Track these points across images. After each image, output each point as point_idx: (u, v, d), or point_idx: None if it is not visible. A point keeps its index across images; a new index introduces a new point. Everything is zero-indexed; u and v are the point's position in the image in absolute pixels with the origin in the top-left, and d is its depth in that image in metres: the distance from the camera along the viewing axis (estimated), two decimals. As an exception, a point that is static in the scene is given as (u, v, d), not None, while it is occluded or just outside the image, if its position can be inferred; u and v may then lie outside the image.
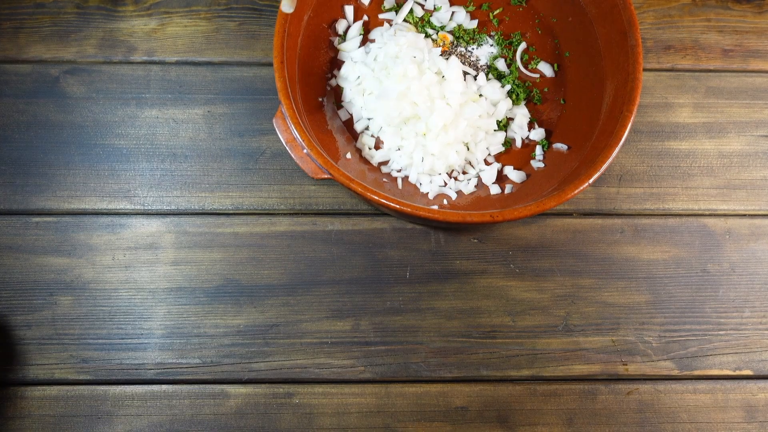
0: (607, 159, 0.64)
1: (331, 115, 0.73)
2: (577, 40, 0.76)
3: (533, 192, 0.69)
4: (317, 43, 0.75)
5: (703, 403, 0.68)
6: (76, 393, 0.66)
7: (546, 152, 0.73)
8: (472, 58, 0.76)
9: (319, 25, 0.75)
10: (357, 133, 0.73)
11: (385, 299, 0.70)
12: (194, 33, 0.79)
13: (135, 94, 0.76)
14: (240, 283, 0.70)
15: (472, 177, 0.72)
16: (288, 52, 0.68)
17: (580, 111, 0.73)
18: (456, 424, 0.66)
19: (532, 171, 0.72)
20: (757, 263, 0.73)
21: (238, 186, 0.74)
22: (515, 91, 0.75)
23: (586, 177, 0.63)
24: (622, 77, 0.69)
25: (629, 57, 0.68)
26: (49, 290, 0.69)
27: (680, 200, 0.75)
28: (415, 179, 0.71)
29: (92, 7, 0.79)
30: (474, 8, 0.79)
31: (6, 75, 0.76)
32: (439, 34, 0.77)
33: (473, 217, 0.61)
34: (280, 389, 0.67)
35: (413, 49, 0.72)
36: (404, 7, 0.77)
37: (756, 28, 0.82)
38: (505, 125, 0.74)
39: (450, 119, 0.69)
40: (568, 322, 0.70)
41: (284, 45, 0.67)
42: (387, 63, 0.72)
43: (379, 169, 0.72)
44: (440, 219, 0.61)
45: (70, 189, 0.73)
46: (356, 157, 0.72)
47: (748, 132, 0.78)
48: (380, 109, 0.70)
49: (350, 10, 0.77)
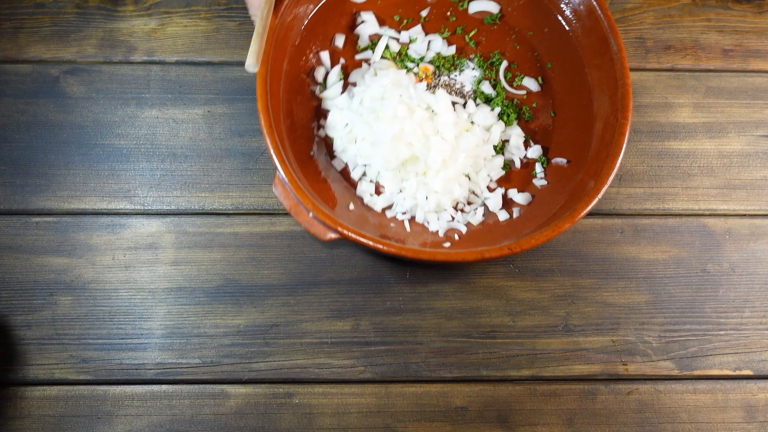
0: (611, 171, 0.63)
1: (324, 166, 0.71)
2: (556, 51, 0.76)
3: (542, 211, 0.68)
4: (299, 95, 0.73)
5: (703, 403, 0.68)
6: (76, 393, 0.66)
7: (546, 168, 0.72)
8: (457, 85, 0.75)
9: (297, 77, 0.73)
10: (354, 181, 0.71)
11: (385, 299, 0.70)
12: (194, 33, 0.79)
13: (135, 94, 0.76)
14: (240, 283, 0.70)
15: (478, 206, 0.71)
16: (273, 113, 0.65)
17: (572, 121, 0.73)
18: (456, 424, 0.66)
19: (536, 190, 0.71)
20: (757, 263, 0.73)
21: (238, 186, 0.74)
22: (505, 112, 0.74)
23: (594, 192, 0.63)
24: (610, 84, 0.68)
25: (614, 63, 0.68)
26: (49, 290, 0.69)
27: (680, 200, 0.75)
28: (423, 219, 0.70)
29: (92, 7, 0.79)
30: (449, 33, 0.78)
31: (6, 75, 0.76)
32: (420, 67, 0.75)
33: (491, 252, 0.61)
34: (280, 389, 0.67)
35: (398, 88, 0.71)
36: (380, 45, 0.76)
37: (756, 28, 0.82)
38: (502, 148, 0.73)
39: (448, 153, 0.68)
40: (568, 322, 0.70)
41: (269, 107, 0.65)
42: (374, 106, 0.70)
43: (384, 214, 0.70)
44: (459, 260, 0.61)
45: (70, 189, 0.73)
46: (359, 204, 0.70)
47: (748, 132, 0.78)
48: (376, 155, 0.69)
49: (326, 56, 0.75)
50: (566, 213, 0.63)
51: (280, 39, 0.69)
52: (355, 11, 0.77)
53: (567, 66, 0.75)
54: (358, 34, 0.77)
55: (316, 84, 0.74)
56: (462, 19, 0.78)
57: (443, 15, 0.79)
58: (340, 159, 0.72)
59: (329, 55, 0.75)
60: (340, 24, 0.77)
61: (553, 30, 0.76)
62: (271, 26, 0.66)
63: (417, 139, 0.69)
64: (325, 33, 0.76)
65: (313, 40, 0.75)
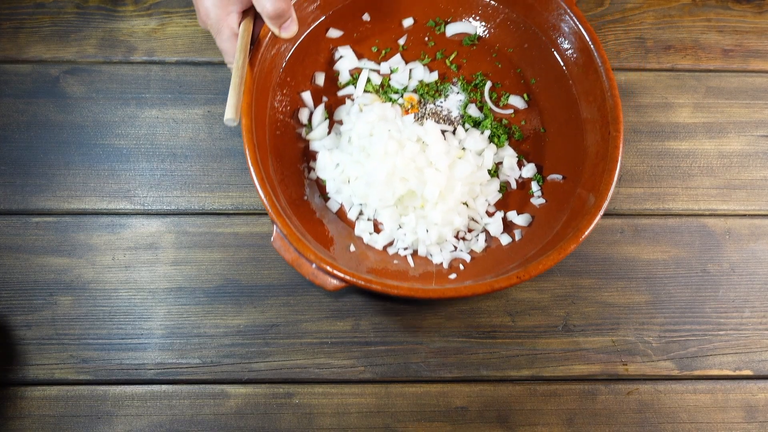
0: (610, 185, 0.63)
1: (319, 207, 0.70)
2: (539, 66, 0.75)
3: (543, 232, 0.68)
4: (285, 140, 0.71)
5: (703, 403, 0.68)
6: (76, 393, 0.66)
7: (543, 186, 0.71)
8: (444, 112, 0.74)
9: (282, 121, 0.71)
10: (351, 221, 0.70)
11: (385, 299, 0.70)
12: (194, 33, 0.79)
13: (135, 94, 0.76)
14: (240, 283, 0.70)
15: (479, 233, 0.70)
16: (262, 163, 0.64)
17: (562, 136, 0.72)
18: (456, 424, 0.66)
19: (535, 210, 0.70)
20: (757, 263, 0.73)
21: (238, 186, 0.74)
22: (495, 134, 0.73)
23: (596, 209, 0.63)
24: (597, 95, 0.68)
25: (599, 75, 0.68)
26: (49, 290, 0.69)
27: (680, 200, 0.75)
28: (425, 252, 0.69)
29: (92, 7, 0.79)
30: (429, 59, 0.77)
31: (6, 75, 0.76)
32: (405, 98, 0.74)
33: (500, 282, 0.60)
34: (280, 389, 0.67)
35: (385, 123, 0.69)
36: (361, 79, 0.74)
37: (756, 28, 0.82)
38: (496, 171, 0.73)
39: (444, 184, 0.67)
40: (568, 322, 0.70)
41: (258, 161, 0.63)
42: (363, 143, 0.69)
43: (386, 251, 0.69)
44: (470, 294, 0.60)
45: (70, 189, 0.73)
46: (359, 244, 0.69)
47: (748, 132, 0.78)
48: (371, 194, 0.68)
49: (308, 96, 0.74)
50: (570, 233, 0.63)
51: (260, 86, 0.67)
52: (332, 47, 0.76)
53: (551, 80, 0.74)
54: (337, 70, 0.75)
55: (301, 126, 0.73)
56: (441, 43, 0.77)
57: (421, 41, 0.77)
58: (334, 200, 0.71)
59: (311, 96, 0.74)
60: (318, 62, 0.75)
61: (533, 45, 0.75)
62: (249, 74, 0.64)
63: (411, 173, 0.68)
64: (304, 73, 0.74)
65: (293, 82, 0.73)
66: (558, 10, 0.71)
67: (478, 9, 0.77)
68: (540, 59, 0.75)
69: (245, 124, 0.63)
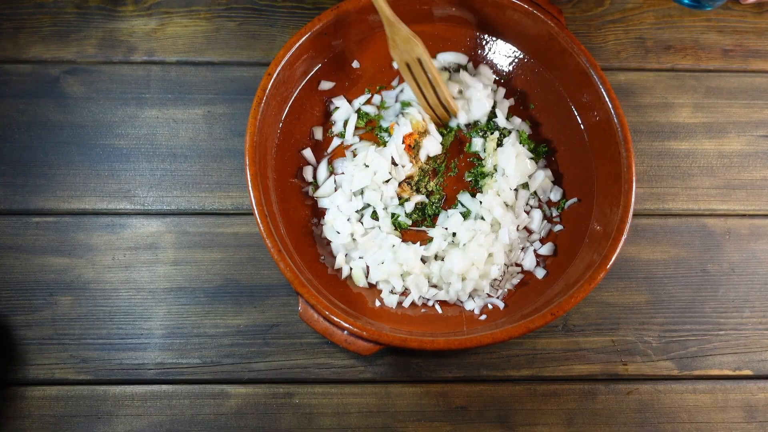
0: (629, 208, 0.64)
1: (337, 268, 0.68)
2: (538, 90, 0.75)
3: (566, 261, 0.67)
4: (293, 202, 0.70)
5: (703, 403, 0.68)
6: (76, 393, 0.66)
7: (561, 212, 0.71)
8: None
9: (287, 183, 0.70)
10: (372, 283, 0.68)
11: (385, 299, 0.70)
12: (194, 33, 0.79)
13: (135, 94, 0.76)
14: (240, 283, 0.70)
15: (515, 273, 0.69)
16: (276, 232, 0.63)
17: (570, 159, 0.72)
18: (456, 424, 0.66)
19: (554, 236, 0.70)
20: (757, 263, 0.73)
21: (238, 186, 0.74)
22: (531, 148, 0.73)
23: (618, 234, 0.63)
24: (602, 114, 0.68)
25: (599, 93, 0.68)
26: (49, 290, 0.69)
27: (680, 200, 0.75)
28: (455, 299, 0.68)
29: (92, 7, 0.79)
30: None
31: (6, 75, 0.76)
32: (413, 124, 0.71)
33: (535, 322, 0.60)
34: (280, 389, 0.67)
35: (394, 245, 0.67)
36: (349, 124, 0.73)
37: (756, 28, 0.82)
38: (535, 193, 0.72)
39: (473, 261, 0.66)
40: (568, 322, 0.70)
41: (273, 232, 0.62)
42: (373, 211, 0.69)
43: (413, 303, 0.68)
44: (506, 339, 0.60)
45: (70, 189, 0.73)
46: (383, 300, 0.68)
47: (748, 132, 0.78)
48: (395, 271, 0.66)
49: (309, 153, 0.72)
50: (596, 259, 0.63)
51: (261, 150, 0.66)
52: (326, 99, 0.75)
53: (550, 103, 0.74)
54: (334, 121, 0.74)
55: (307, 184, 0.72)
56: None
57: None
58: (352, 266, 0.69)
59: (311, 152, 0.72)
60: (314, 116, 0.74)
61: (528, 71, 0.75)
62: (251, 141, 0.64)
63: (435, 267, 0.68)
64: (302, 130, 0.73)
65: (292, 140, 0.72)
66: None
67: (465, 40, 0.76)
68: (538, 84, 0.75)
69: (255, 196, 0.63)
